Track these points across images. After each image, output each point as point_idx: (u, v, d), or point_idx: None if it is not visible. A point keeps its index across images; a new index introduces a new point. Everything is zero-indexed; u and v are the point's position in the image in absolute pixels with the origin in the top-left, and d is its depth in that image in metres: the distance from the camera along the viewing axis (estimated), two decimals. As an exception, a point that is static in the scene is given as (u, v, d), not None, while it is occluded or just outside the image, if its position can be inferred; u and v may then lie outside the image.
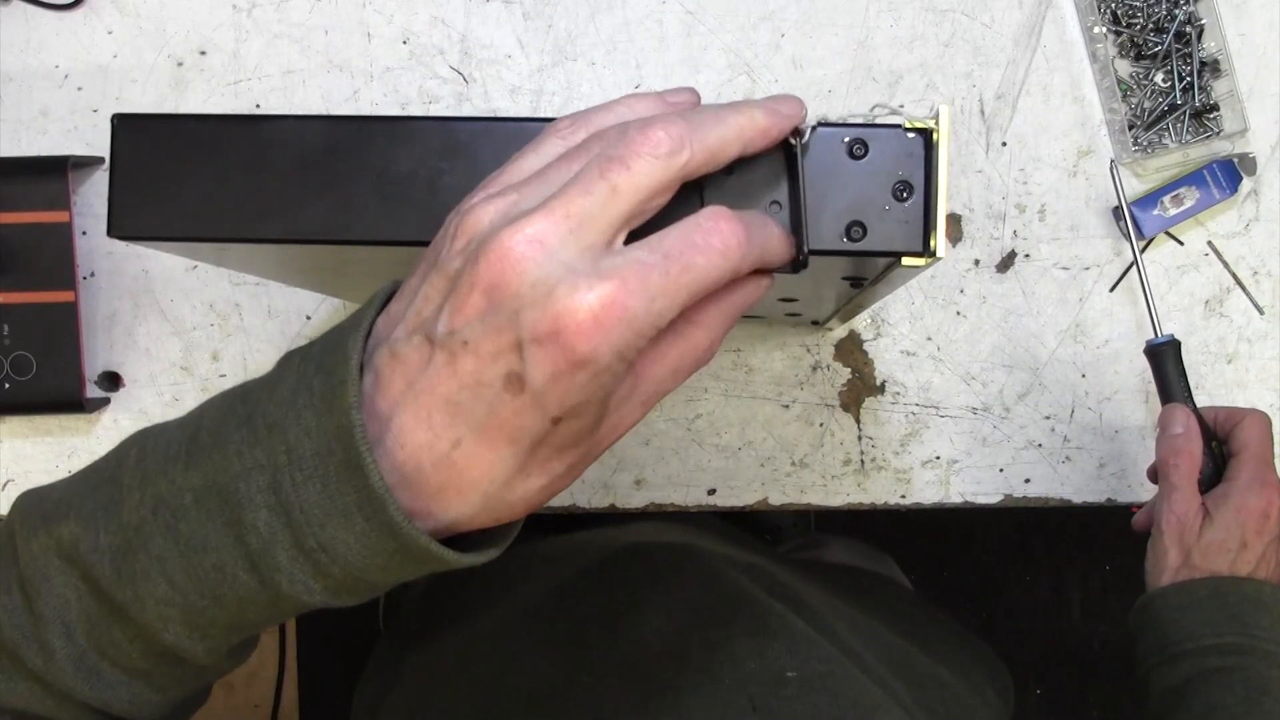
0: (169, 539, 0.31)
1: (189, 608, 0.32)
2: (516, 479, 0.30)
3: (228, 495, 0.30)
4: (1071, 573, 1.57)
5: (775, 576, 0.61)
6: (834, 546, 0.91)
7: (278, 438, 0.29)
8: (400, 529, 0.29)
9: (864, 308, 0.56)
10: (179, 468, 0.31)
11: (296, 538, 0.29)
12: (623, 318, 0.27)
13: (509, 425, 0.28)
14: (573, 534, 0.70)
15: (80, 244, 0.62)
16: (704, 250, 0.28)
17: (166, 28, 0.63)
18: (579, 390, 0.28)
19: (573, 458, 0.30)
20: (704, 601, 0.55)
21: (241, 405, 0.31)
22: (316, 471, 0.29)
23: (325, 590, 0.31)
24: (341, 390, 0.29)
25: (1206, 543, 0.53)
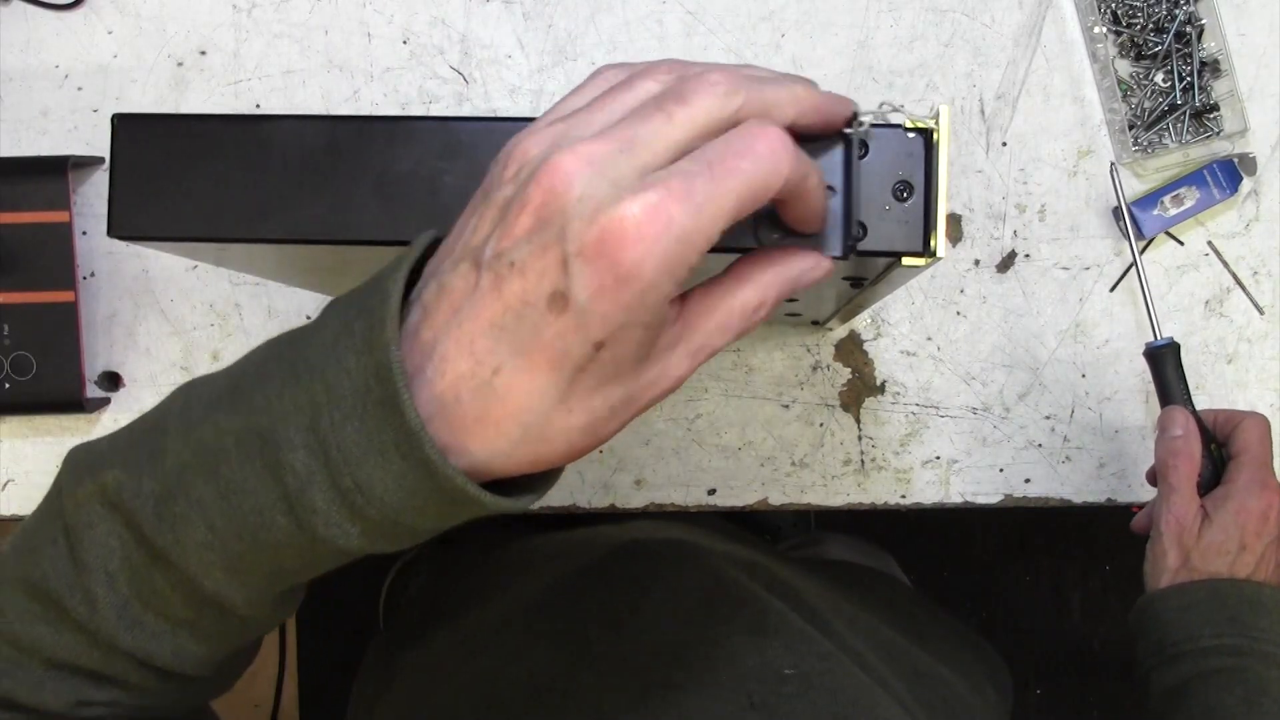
0: (210, 483, 0.31)
1: (228, 553, 0.32)
2: (557, 412, 0.29)
3: (267, 437, 0.30)
4: (1071, 573, 1.57)
5: (774, 573, 0.61)
6: (833, 544, 0.91)
7: (318, 379, 0.29)
8: (435, 466, 0.28)
9: (864, 308, 0.56)
10: (222, 412, 0.31)
11: (333, 478, 0.29)
12: (669, 227, 0.27)
13: (551, 348, 0.28)
14: (572, 531, 0.70)
15: (80, 244, 0.62)
16: (748, 155, 0.28)
17: (166, 28, 0.63)
18: (624, 309, 0.27)
19: (615, 396, 0.30)
20: (703, 598, 0.55)
21: (286, 350, 0.31)
22: (354, 410, 0.29)
23: (362, 534, 0.31)
24: (380, 328, 0.28)
25: (1205, 545, 0.53)
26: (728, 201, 0.27)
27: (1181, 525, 0.53)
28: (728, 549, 0.64)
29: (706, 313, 0.31)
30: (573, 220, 0.27)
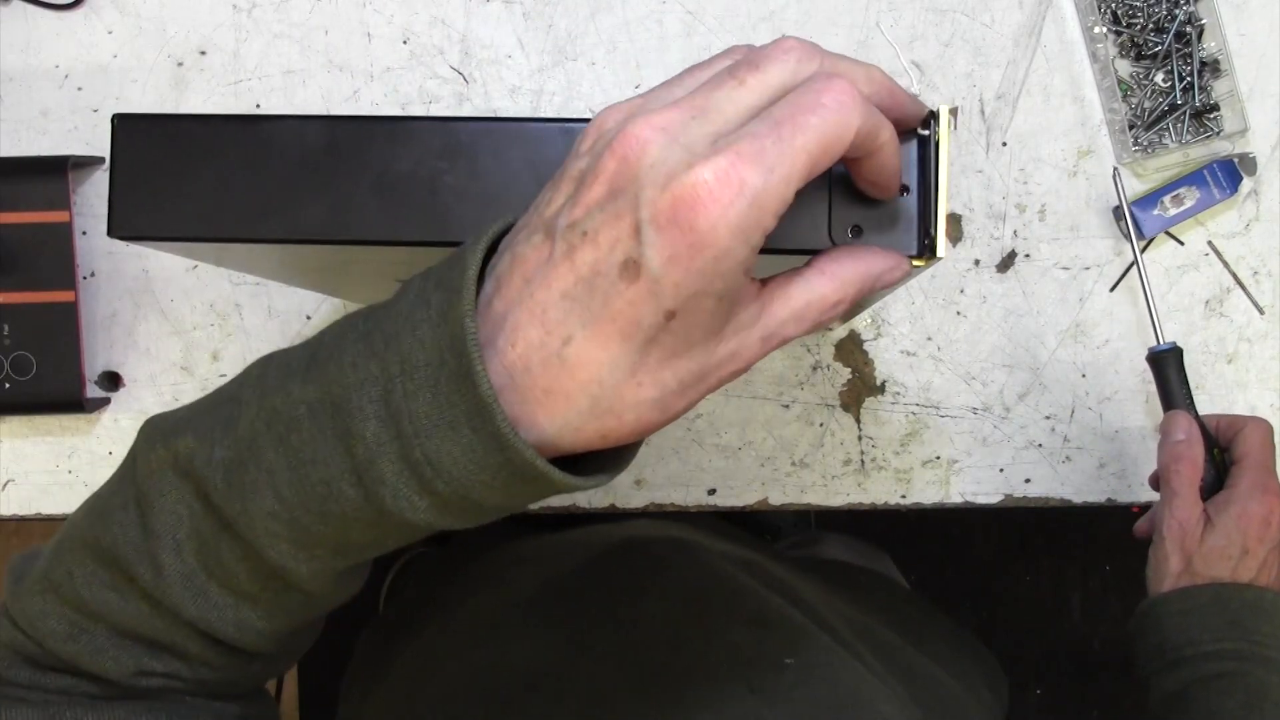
0: (280, 451, 0.31)
1: (295, 524, 0.32)
2: (627, 384, 0.29)
3: (340, 406, 0.30)
4: (1071, 573, 1.57)
5: (772, 572, 0.61)
6: (831, 544, 0.91)
7: (393, 350, 0.29)
8: (505, 439, 0.28)
9: (864, 308, 0.56)
10: (296, 382, 0.31)
11: (403, 449, 0.29)
12: (741, 190, 0.26)
13: (622, 317, 0.28)
14: (568, 530, 0.70)
15: (80, 244, 0.62)
16: (815, 109, 0.27)
17: (166, 28, 0.63)
18: (697, 275, 0.27)
19: (686, 371, 0.29)
20: (702, 592, 0.56)
21: (362, 323, 0.31)
22: (427, 381, 0.29)
23: (430, 508, 0.30)
24: (456, 300, 0.28)
25: (1208, 549, 0.53)
26: (799, 159, 0.27)
27: (1184, 529, 0.53)
28: (726, 548, 0.64)
29: (785, 300, 0.31)
30: (645, 187, 0.27)
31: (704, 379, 0.30)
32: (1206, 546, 0.53)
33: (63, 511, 0.63)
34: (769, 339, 0.31)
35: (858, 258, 0.32)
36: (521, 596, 0.60)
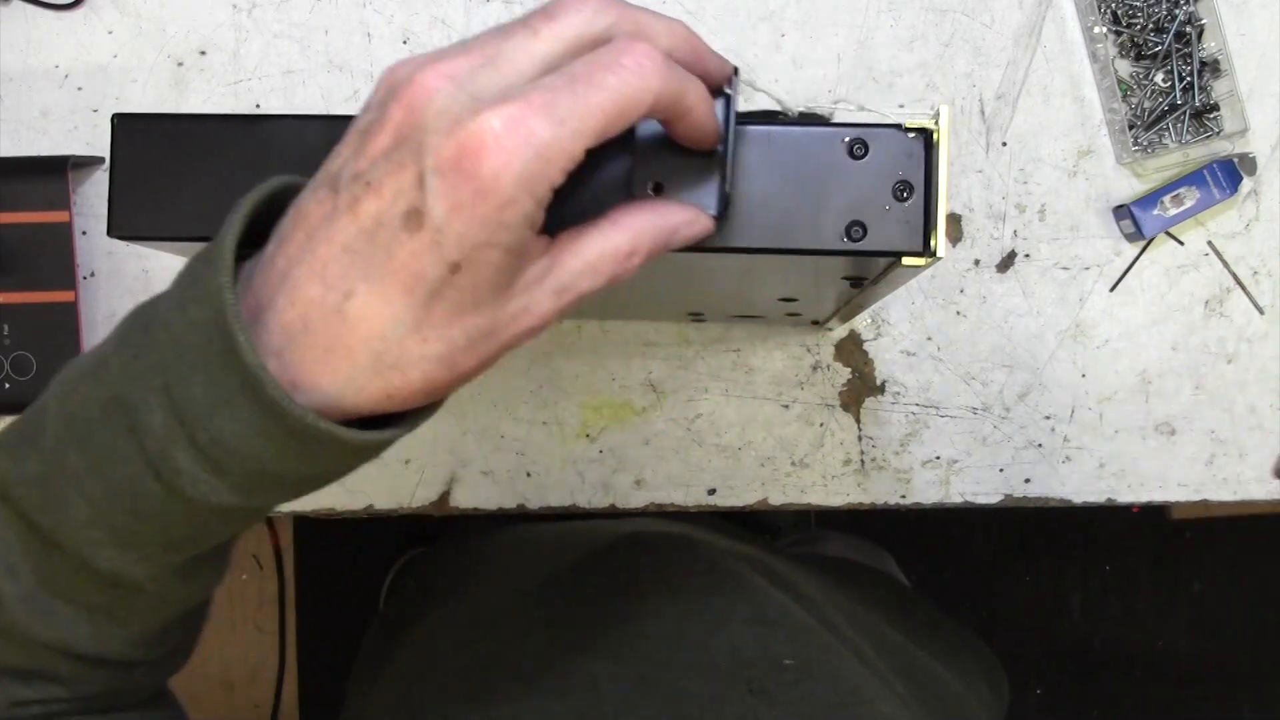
0: (82, 455, 0.30)
1: (113, 526, 0.30)
2: (411, 339, 0.28)
3: (125, 401, 0.29)
4: (1071, 573, 1.57)
5: (774, 568, 0.61)
6: (832, 541, 0.91)
7: (165, 337, 0.28)
8: (281, 406, 0.27)
9: (864, 307, 0.56)
10: (89, 382, 0.30)
11: (190, 435, 0.28)
12: (529, 140, 0.26)
13: (405, 269, 0.27)
14: (572, 523, 0.70)
15: (80, 244, 0.62)
16: (614, 69, 0.27)
17: (166, 28, 0.63)
18: (481, 225, 0.26)
19: (474, 327, 0.29)
20: (703, 589, 0.55)
21: (145, 310, 0.30)
22: (199, 363, 0.28)
23: (232, 489, 0.29)
24: (212, 273, 0.27)
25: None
26: (592, 117, 0.26)
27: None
28: (728, 544, 0.64)
29: (575, 252, 0.30)
30: (430, 134, 0.26)
31: (495, 335, 0.29)
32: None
33: (63, 511, 0.63)
34: (562, 292, 0.30)
35: (654, 209, 0.31)
36: (521, 589, 0.60)
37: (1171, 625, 1.59)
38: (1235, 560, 1.59)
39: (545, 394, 0.63)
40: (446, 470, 0.63)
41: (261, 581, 1.53)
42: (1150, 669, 1.59)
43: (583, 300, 0.30)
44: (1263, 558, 1.59)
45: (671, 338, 0.63)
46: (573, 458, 0.63)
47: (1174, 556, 1.57)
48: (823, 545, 0.90)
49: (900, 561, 0.92)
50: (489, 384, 0.63)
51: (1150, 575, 1.58)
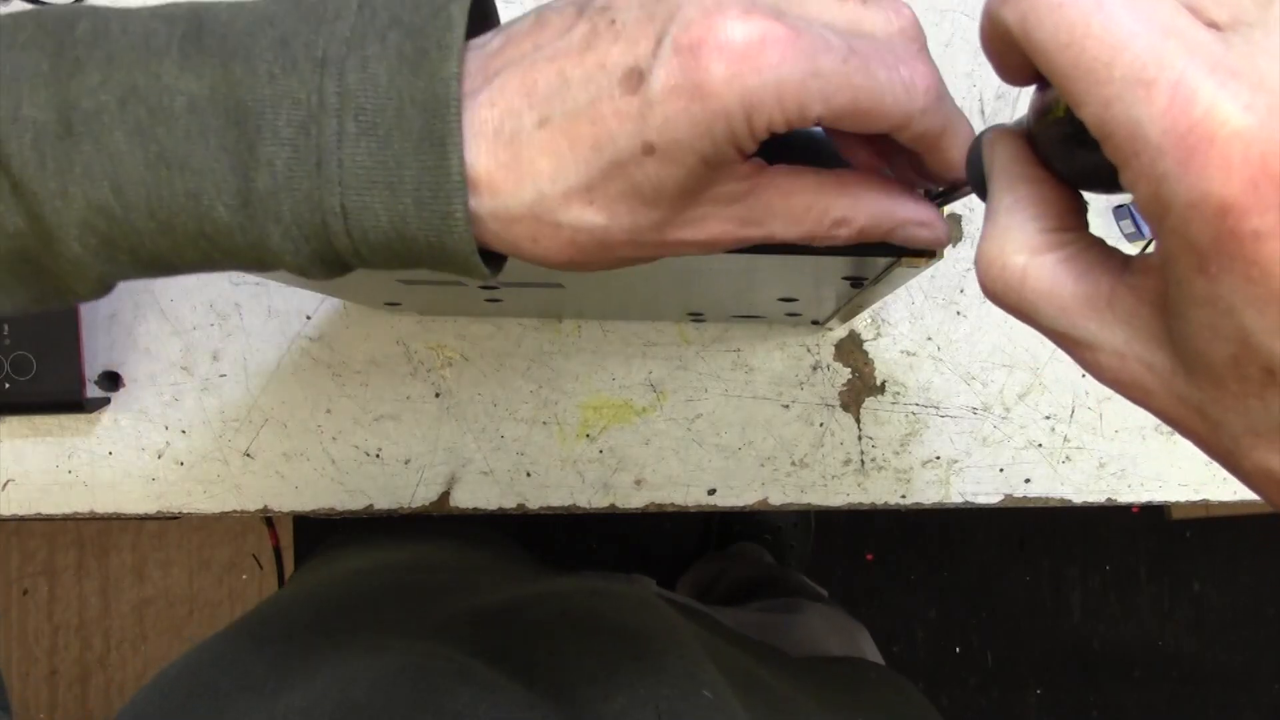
0: (135, 141, 0.26)
1: (125, 225, 0.27)
2: (578, 197, 0.26)
3: (243, 117, 0.26)
4: (1071, 573, 1.57)
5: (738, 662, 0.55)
6: (810, 613, 0.87)
7: (330, 77, 0.26)
8: (455, 224, 0.26)
9: (864, 308, 0.56)
10: (168, 64, 0.26)
11: (318, 192, 0.26)
12: (773, 66, 0.24)
13: (602, 124, 0.25)
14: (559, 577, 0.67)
15: (80, 244, 0.62)
16: (891, 68, 0.25)
17: (166, 28, 0.63)
18: (688, 124, 0.25)
19: (645, 217, 0.27)
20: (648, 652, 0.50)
21: (269, 26, 0.26)
22: (375, 129, 0.25)
23: (312, 255, 0.27)
24: (440, 56, 0.25)
25: None
26: (842, 94, 0.25)
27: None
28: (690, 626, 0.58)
29: (782, 193, 0.28)
30: (688, 6, 0.24)
31: (659, 234, 0.28)
32: None
33: (63, 512, 0.63)
34: (745, 225, 0.28)
35: (889, 192, 0.29)
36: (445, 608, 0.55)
37: (1171, 625, 1.59)
38: (1235, 560, 1.59)
39: (545, 394, 0.63)
40: (446, 470, 0.63)
41: (261, 581, 1.53)
42: (1150, 669, 1.59)
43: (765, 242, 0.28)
44: (1263, 558, 1.59)
45: (671, 338, 0.63)
46: (573, 458, 0.63)
47: (1174, 556, 1.57)
48: (799, 617, 0.86)
49: (900, 562, 0.92)
50: (489, 384, 0.63)
51: (1150, 575, 1.58)
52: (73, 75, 0.26)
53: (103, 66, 0.26)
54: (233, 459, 0.63)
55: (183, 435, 0.63)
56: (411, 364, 0.62)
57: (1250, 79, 0.19)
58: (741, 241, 0.28)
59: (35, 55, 0.27)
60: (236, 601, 1.53)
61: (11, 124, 0.26)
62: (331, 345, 0.62)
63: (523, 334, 0.63)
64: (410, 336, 0.62)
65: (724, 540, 1.47)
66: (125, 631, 1.53)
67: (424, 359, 0.63)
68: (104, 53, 0.26)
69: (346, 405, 0.62)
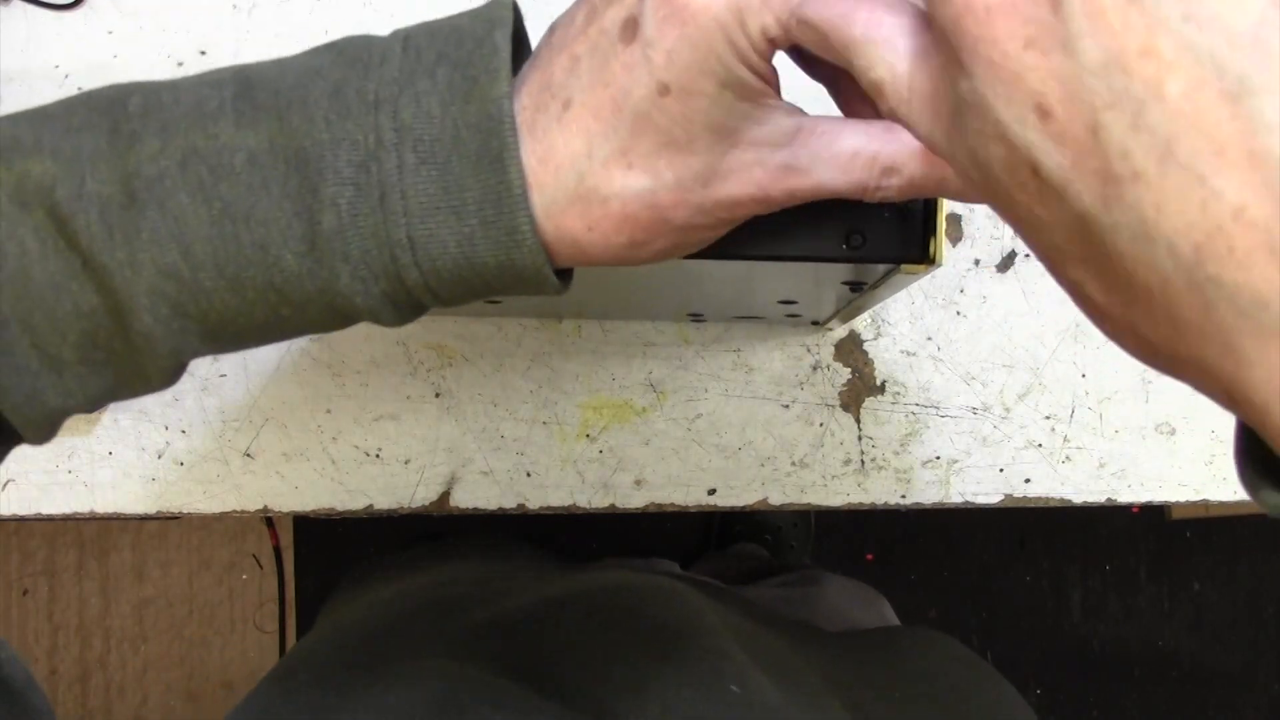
0: (199, 200, 0.27)
1: (195, 286, 0.27)
2: (615, 163, 0.26)
3: (304, 163, 0.26)
4: (1071, 573, 1.57)
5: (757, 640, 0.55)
6: (830, 586, 0.87)
7: (385, 114, 0.26)
8: (522, 237, 0.26)
9: (864, 309, 0.56)
10: (224, 124, 0.27)
11: (385, 226, 0.26)
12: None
13: (616, 82, 0.26)
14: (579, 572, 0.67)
15: (80, 244, 0.62)
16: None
17: (166, 28, 0.63)
18: (689, 47, 0.25)
19: (685, 165, 0.26)
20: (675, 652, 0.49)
21: (319, 79, 0.27)
22: (434, 158, 0.26)
23: (381, 295, 0.28)
24: (489, 80, 0.26)
25: None
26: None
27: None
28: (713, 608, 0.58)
29: (828, 138, 0.27)
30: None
31: (707, 183, 0.27)
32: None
33: (63, 511, 0.63)
34: (794, 172, 0.27)
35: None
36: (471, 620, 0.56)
37: (1171, 625, 1.59)
38: (1235, 560, 1.59)
39: (545, 394, 0.63)
40: (446, 470, 0.63)
41: (261, 581, 1.53)
42: (1150, 669, 1.59)
43: (815, 193, 0.28)
44: (1263, 558, 1.59)
45: (671, 338, 0.63)
46: (573, 458, 0.63)
47: (1174, 556, 1.57)
48: (820, 589, 0.87)
49: (900, 561, 0.92)
50: (489, 384, 0.63)
51: (1150, 575, 1.58)
52: (131, 147, 0.27)
53: (159, 134, 0.27)
54: (233, 459, 0.63)
55: (183, 435, 0.63)
56: (411, 364, 0.62)
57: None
58: (792, 195, 0.28)
59: (92, 135, 0.27)
60: (236, 602, 1.53)
61: (77, 201, 0.26)
62: (331, 345, 0.62)
63: (523, 334, 0.63)
64: (410, 336, 0.62)
65: (724, 541, 1.47)
66: (125, 631, 1.53)
67: (424, 359, 0.63)
68: (158, 122, 0.27)
69: (346, 405, 0.62)
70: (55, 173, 0.27)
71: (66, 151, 0.27)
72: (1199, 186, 0.16)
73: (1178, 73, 0.16)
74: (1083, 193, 0.18)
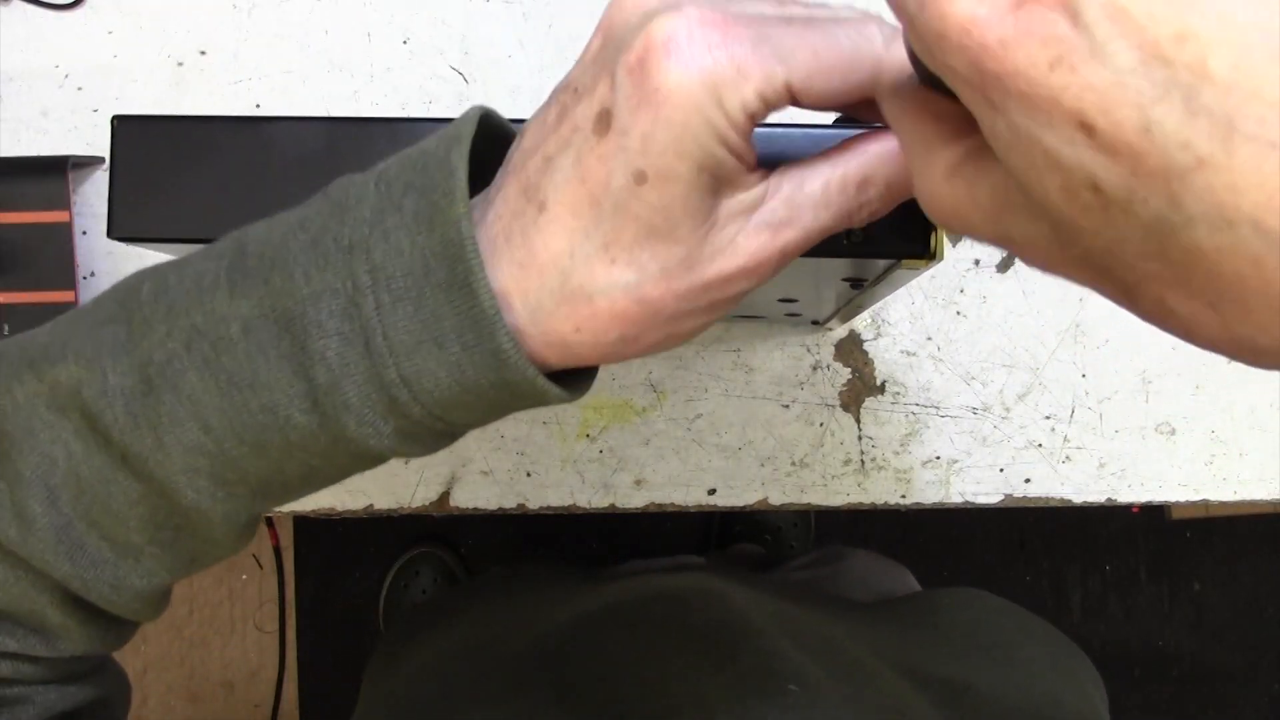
0: (206, 376, 0.27)
1: (222, 457, 0.28)
2: (599, 259, 0.26)
3: (290, 322, 0.27)
4: (1071, 573, 1.57)
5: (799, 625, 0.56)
6: (854, 560, 0.88)
7: (359, 258, 0.26)
8: (505, 356, 0.26)
9: (864, 307, 0.56)
10: (220, 296, 0.27)
11: (375, 370, 0.27)
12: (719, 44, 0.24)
13: (592, 176, 0.25)
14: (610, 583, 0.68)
15: (80, 244, 0.62)
16: (836, 22, 0.25)
17: (166, 28, 0.63)
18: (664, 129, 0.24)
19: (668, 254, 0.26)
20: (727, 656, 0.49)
21: (299, 231, 0.28)
22: (408, 293, 0.26)
23: (395, 433, 0.28)
24: (447, 203, 0.26)
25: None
26: (800, 49, 0.24)
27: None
28: (749, 596, 0.58)
29: (797, 180, 0.27)
30: (629, 32, 0.25)
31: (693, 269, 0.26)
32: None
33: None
34: (778, 228, 0.27)
35: (883, 136, 0.28)
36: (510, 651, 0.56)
37: (1171, 625, 1.59)
38: (1235, 560, 1.59)
39: (545, 394, 0.63)
40: (446, 470, 0.63)
41: (261, 581, 1.53)
42: (1150, 669, 1.59)
43: (806, 241, 0.27)
44: (1263, 558, 1.59)
45: (671, 338, 0.63)
46: (573, 458, 0.63)
47: (1174, 556, 1.57)
48: (845, 565, 0.88)
49: (900, 561, 0.92)
50: (489, 384, 0.63)
51: (1150, 575, 1.58)
52: (144, 336, 0.28)
53: (165, 319, 0.28)
54: (233, 459, 0.63)
55: (183, 435, 0.63)
56: (411, 364, 0.62)
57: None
58: (784, 252, 0.27)
59: (114, 328, 0.29)
60: (236, 601, 1.53)
61: (103, 398, 0.28)
62: (331, 345, 0.62)
63: (523, 334, 0.62)
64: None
65: (724, 541, 1.47)
66: (125, 631, 1.53)
67: (424, 359, 0.62)
68: (165, 306, 0.28)
69: (346, 405, 0.62)
70: (80, 375, 0.28)
71: (88, 352, 0.28)
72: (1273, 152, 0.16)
73: (1220, 47, 0.16)
74: (1149, 197, 0.17)
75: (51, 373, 0.29)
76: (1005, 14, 0.18)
